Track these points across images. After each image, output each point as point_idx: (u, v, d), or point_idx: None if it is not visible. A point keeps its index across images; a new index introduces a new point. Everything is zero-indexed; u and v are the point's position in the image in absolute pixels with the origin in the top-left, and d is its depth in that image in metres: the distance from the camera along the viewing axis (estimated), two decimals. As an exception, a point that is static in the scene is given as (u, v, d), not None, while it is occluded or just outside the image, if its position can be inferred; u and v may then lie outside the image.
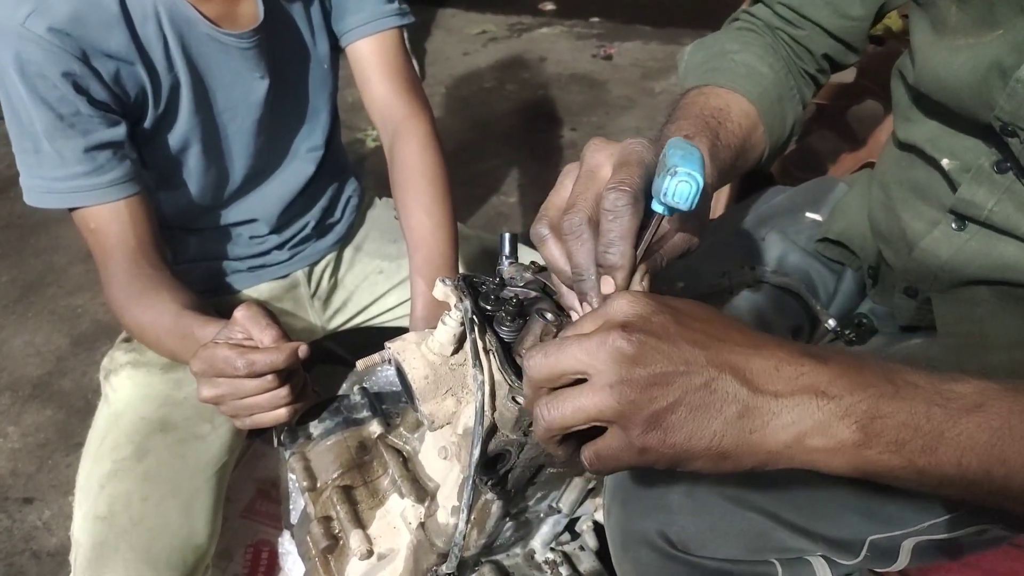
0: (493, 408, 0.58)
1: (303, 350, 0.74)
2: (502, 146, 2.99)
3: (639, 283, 0.56)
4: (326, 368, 1.51)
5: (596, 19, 4.34)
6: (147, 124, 1.01)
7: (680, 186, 0.49)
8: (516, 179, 2.75)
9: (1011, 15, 0.65)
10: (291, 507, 0.88)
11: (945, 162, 0.74)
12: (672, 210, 0.51)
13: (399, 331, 1.01)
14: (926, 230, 0.78)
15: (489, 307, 0.63)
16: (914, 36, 0.78)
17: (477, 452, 0.56)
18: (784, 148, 0.90)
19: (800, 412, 0.46)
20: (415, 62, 3.44)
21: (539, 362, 0.48)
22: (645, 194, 0.53)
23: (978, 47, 0.68)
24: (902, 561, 0.71)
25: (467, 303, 0.61)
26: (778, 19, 0.89)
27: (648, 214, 0.54)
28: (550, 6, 4.62)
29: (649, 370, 0.45)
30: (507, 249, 0.72)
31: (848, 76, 1.98)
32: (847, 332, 0.89)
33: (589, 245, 0.53)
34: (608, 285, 0.53)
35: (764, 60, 0.86)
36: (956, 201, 0.73)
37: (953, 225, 0.75)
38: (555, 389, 0.48)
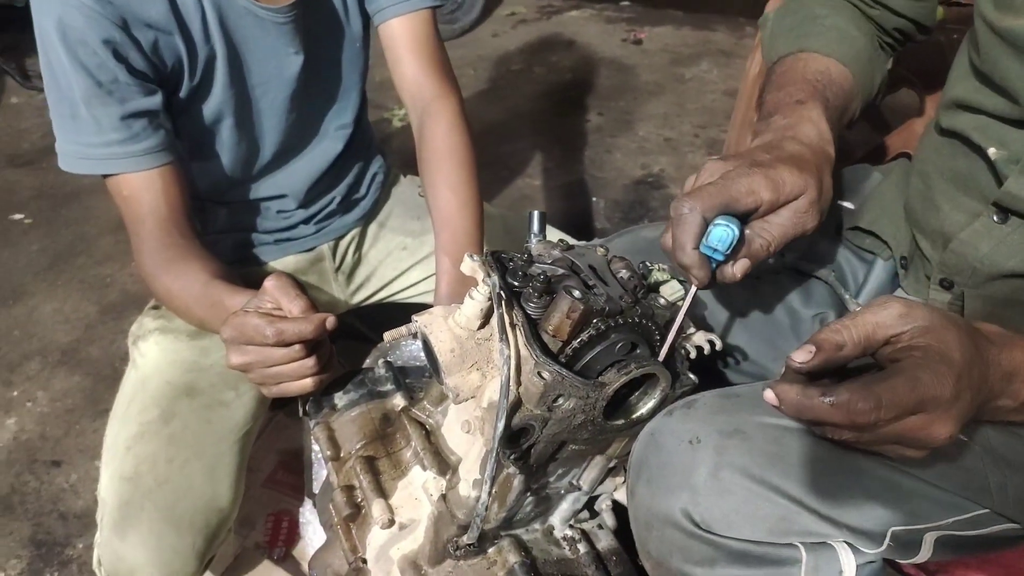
0: (519, 383, 0.58)
1: (331, 321, 0.75)
2: (528, 129, 2.98)
3: (736, 272, 0.65)
4: (349, 344, 1.52)
5: (627, 3, 4.31)
6: (182, 95, 1.02)
7: (717, 230, 0.61)
8: (541, 162, 2.74)
9: None
10: (314, 476, 0.89)
11: (992, 151, 0.73)
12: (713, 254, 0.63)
13: (421, 307, 1.02)
14: (966, 222, 0.76)
15: (516, 283, 0.63)
16: (979, 16, 0.77)
17: (502, 425, 0.57)
18: (870, 109, 0.93)
19: (996, 408, 0.61)
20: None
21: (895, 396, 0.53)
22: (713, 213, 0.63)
23: None
24: (924, 554, 0.71)
25: (495, 278, 0.61)
26: None
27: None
28: (581, -11, 4.58)
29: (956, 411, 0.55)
30: (536, 227, 0.72)
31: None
32: (876, 323, 0.88)
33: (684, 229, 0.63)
34: (695, 284, 0.64)
35: (853, 23, 0.89)
36: (1002, 194, 0.72)
37: (995, 218, 0.74)
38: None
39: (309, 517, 1.27)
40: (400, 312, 1.31)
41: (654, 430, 0.67)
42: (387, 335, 0.69)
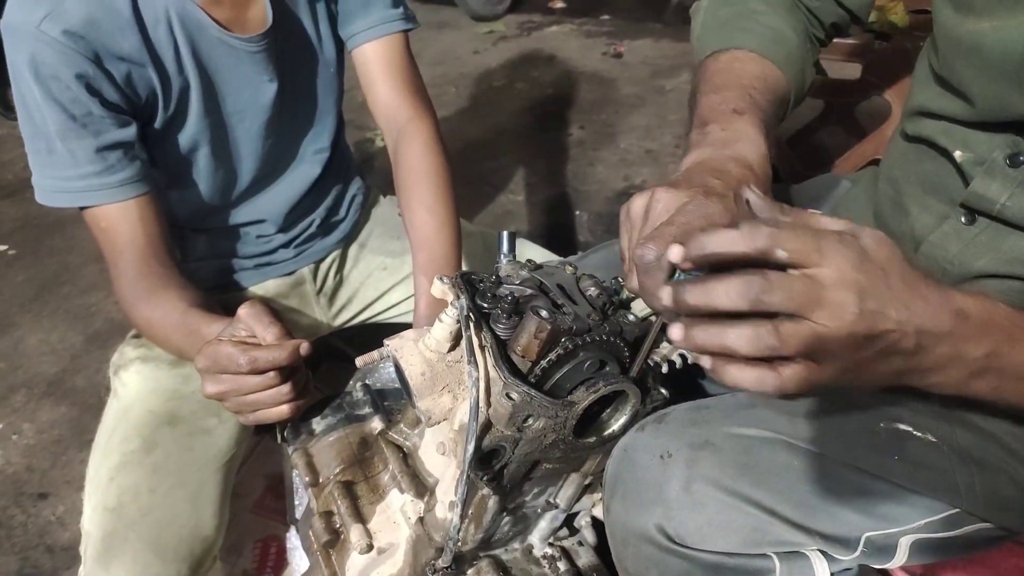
0: (488, 404, 0.59)
1: (305, 347, 0.75)
2: (511, 144, 3.00)
3: None
4: (332, 365, 1.52)
5: (606, 17, 4.35)
6: (157, 125, 1.03)
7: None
8: (524, 177, 2.76)
9: None
10: (296, 502, 0.90)
11: (958, 154, 0.74)
12: None
13: (404, 327, 1.03)
14: (935, 224, 0.77)
15: (486, 305, 0.64)
16: (937, 21, 0.77)
17: (471, 448, 0.57)
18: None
19: (948, 357, 0.53)
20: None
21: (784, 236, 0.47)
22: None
23: (1004, 30, 0.66)
24: (899, 558, 0.72)
25: (463, 300, 0.62)
26: None
27: None
28: (560, 4, 4.63)
29: (875, 325, 0.48)
30: (505, 247, 0.73)
31: (855, 73, 1.97)
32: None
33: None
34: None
35: (788, 23, 0.88)
36: (968, 195, 0.72)
37: (963, 219, 0.74)
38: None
39: (295, 543, 1.27)
40: (384, 332, 1.30)
41: (627, 446, 0.68)
42: (359, 360, 0.69)
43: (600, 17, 4.34)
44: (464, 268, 1.20)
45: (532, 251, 1.34)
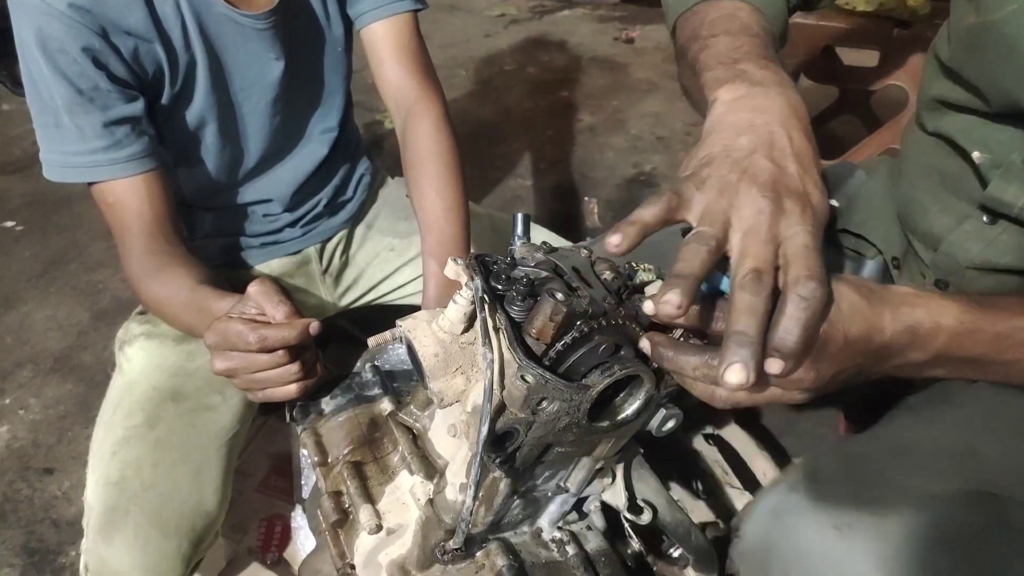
0: (502, 386, 0.58)
1: (314, 327, 0.74)
2: (521, 129, 2.98)
3: None
4: (339, 347, 1.52)
5: (618, 1, 4.30)
6: (164, 101, 1.02)
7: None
8: (533, 162, 2.74)
9: None
10: (303, 482, 0.89)
11: (976, 155, 0.72)
12: None
13: (411, 309, 1.02)
14: (955, 224, 0.76)
15: (500, 286, 0.63)
16: (953, 12, 0.75)
17: (485, 429, 0.56)
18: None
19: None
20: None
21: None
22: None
23: (1008, 24, 0.64)
24: None
25: (478, 281, 0.61)
26: None
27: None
28: (572, -12, 4.58)
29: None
30: (520, 229, 0.72)
31: (871, 60, 1.95)
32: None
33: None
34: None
35: None
36: (985, 197, 0.71)
37: (985, 219, 0.73)
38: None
39: (300, 522, 1.27)
40: (390, 314, 1.30)
41: (777, 510, 0.62)
42: (371, 340, 0.69)
43: (612, 2, 4.30)
44: (473, 250, 1.19)
45: (543, 235, 1.33)
